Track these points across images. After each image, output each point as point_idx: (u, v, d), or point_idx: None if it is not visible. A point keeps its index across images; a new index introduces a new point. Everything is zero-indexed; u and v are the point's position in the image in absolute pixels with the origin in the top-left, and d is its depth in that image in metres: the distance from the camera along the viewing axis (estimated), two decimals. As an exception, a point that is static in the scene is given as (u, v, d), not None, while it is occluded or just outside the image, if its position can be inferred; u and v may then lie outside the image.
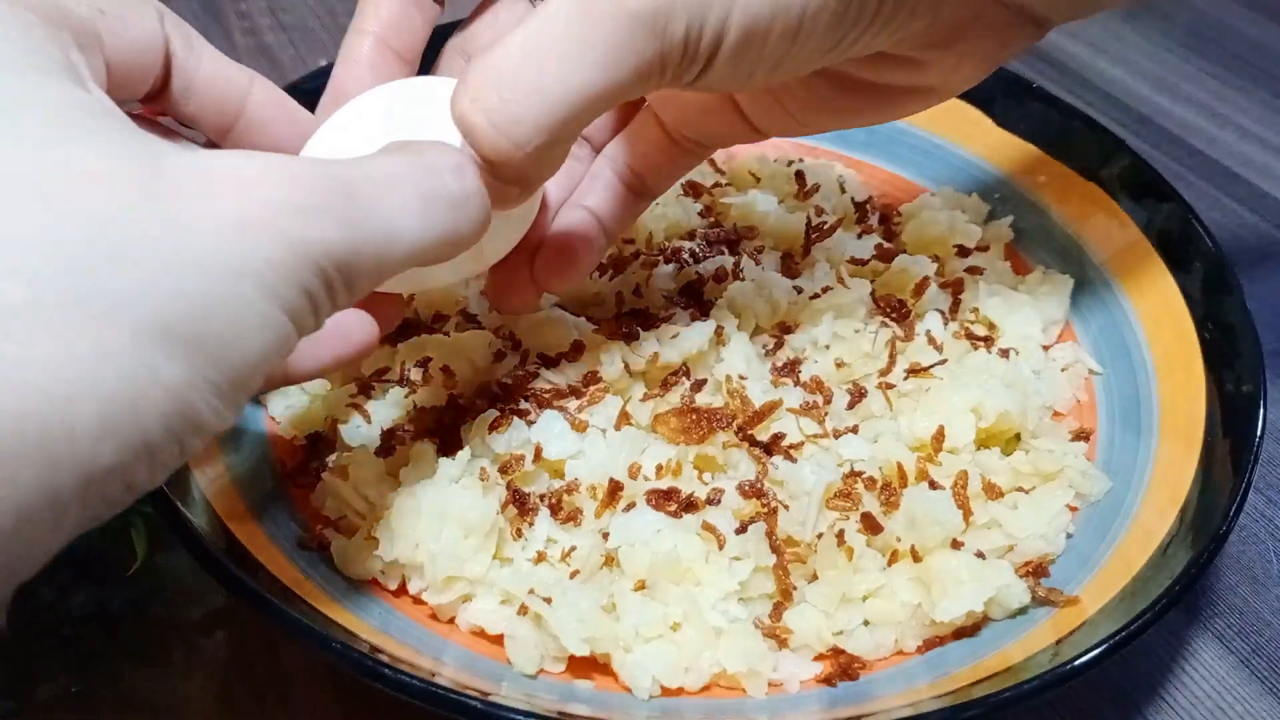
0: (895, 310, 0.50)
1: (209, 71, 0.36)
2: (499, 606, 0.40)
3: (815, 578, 0.41)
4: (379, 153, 0.31)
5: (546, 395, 0.44)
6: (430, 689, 0.33)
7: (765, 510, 0.41)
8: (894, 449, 0.44)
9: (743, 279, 0.50)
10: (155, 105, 0.36)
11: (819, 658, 0.41)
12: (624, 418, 0.44)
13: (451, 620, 0.41)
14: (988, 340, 0.50)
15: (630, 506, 0.42)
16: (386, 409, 0.46)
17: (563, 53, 0.31)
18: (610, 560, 0.40)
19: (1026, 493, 0.44)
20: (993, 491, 0.43)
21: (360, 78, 0.39)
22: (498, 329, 0.48)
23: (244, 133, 0.37)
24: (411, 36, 0.40)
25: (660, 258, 0.51)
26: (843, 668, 0.40)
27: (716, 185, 0.59)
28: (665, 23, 0.32)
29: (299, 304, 0.26)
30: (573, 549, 0.41)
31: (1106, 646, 0.35)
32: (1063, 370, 0.51)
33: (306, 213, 0.26)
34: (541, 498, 0.42)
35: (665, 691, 0.39)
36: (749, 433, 0.44)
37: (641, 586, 0.40)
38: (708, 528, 0.41)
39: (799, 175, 0.59)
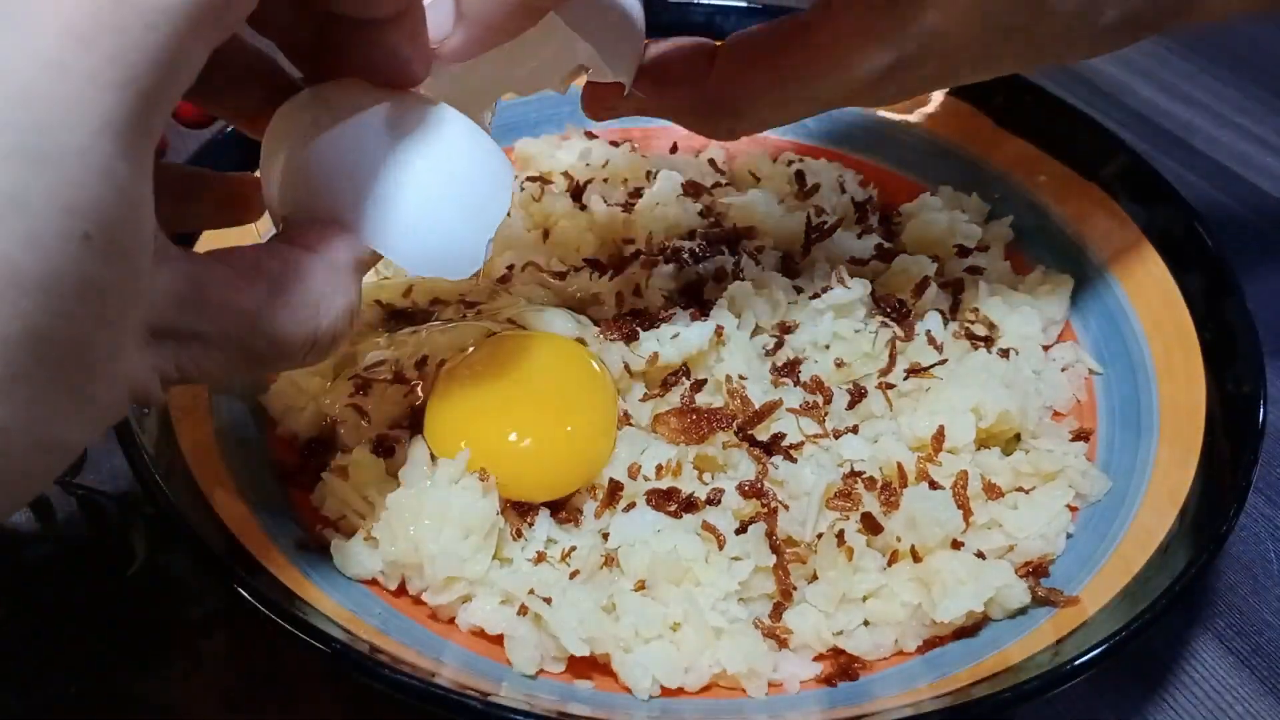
0: (895, 310, 0.50)
1: None
2: (499, 607, 0.40)
3: (815, 578, 0.41)
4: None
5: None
6: (430, 689, 0.33)
7: (765, 510, 0.41)
8: (894, 449, 0.44)
9: (743, 279, 0.50)
10: None
11: (819, 658, 0.41)
12: (624, 418, 0.44)
13: (451, 620, 0.41)
14: (988, 340, 0.50)
15: (630, 506, 0.42)
16: (386, 408, 0.46)
17: None
18: (610, 560, 0.40)
19: (1026, 493, 0.44)
20: (993, 491, 0.43)
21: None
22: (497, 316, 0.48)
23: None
24: None
25: (660, 258, 0.51)
26: (843, 668, 0.40)
27: (716, 185, 0.59)
28: None
29: None
30: (572, 549, 0.41)
31: (1106, 646, 0.35)
32: (1063, 370, 0.50)
33: None
34: (541, 498, 0.42)
35: (665, 691, 0.39)
36: (749, 433, 0.44)
37: (641, 587, 0.40)
38: (707, 528, 0.41)
39: (799, 175, 0.59)
